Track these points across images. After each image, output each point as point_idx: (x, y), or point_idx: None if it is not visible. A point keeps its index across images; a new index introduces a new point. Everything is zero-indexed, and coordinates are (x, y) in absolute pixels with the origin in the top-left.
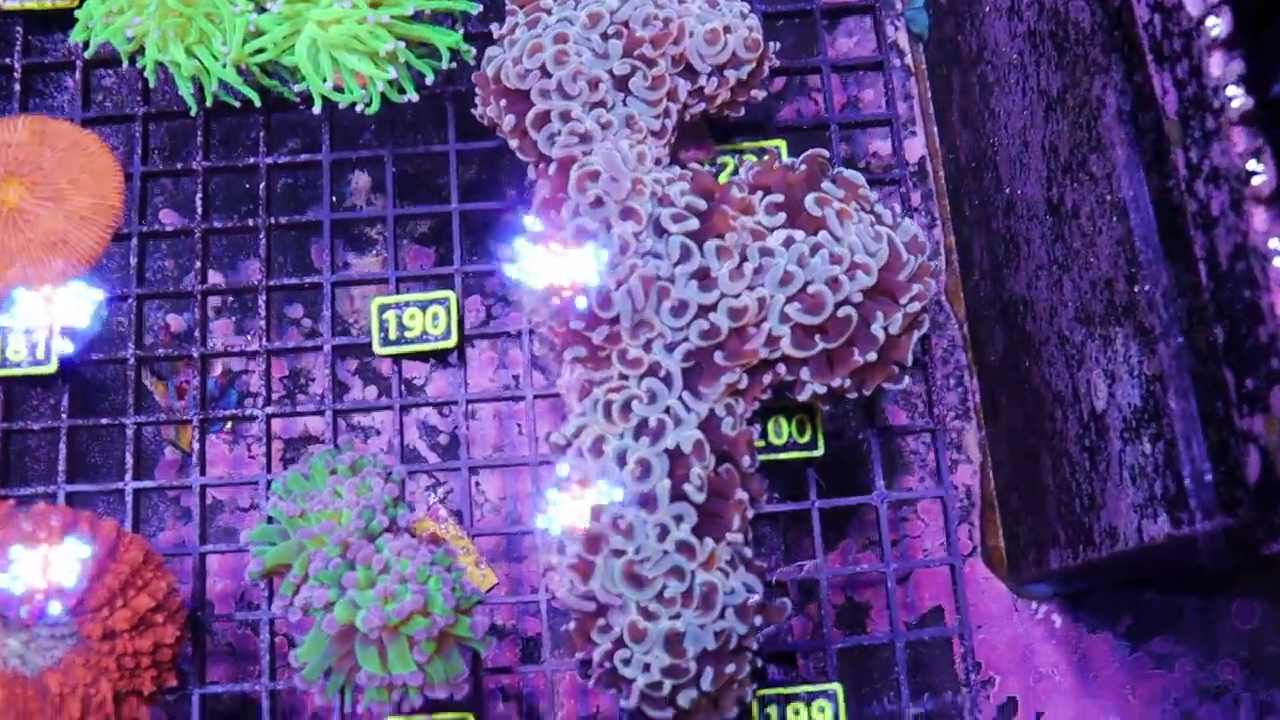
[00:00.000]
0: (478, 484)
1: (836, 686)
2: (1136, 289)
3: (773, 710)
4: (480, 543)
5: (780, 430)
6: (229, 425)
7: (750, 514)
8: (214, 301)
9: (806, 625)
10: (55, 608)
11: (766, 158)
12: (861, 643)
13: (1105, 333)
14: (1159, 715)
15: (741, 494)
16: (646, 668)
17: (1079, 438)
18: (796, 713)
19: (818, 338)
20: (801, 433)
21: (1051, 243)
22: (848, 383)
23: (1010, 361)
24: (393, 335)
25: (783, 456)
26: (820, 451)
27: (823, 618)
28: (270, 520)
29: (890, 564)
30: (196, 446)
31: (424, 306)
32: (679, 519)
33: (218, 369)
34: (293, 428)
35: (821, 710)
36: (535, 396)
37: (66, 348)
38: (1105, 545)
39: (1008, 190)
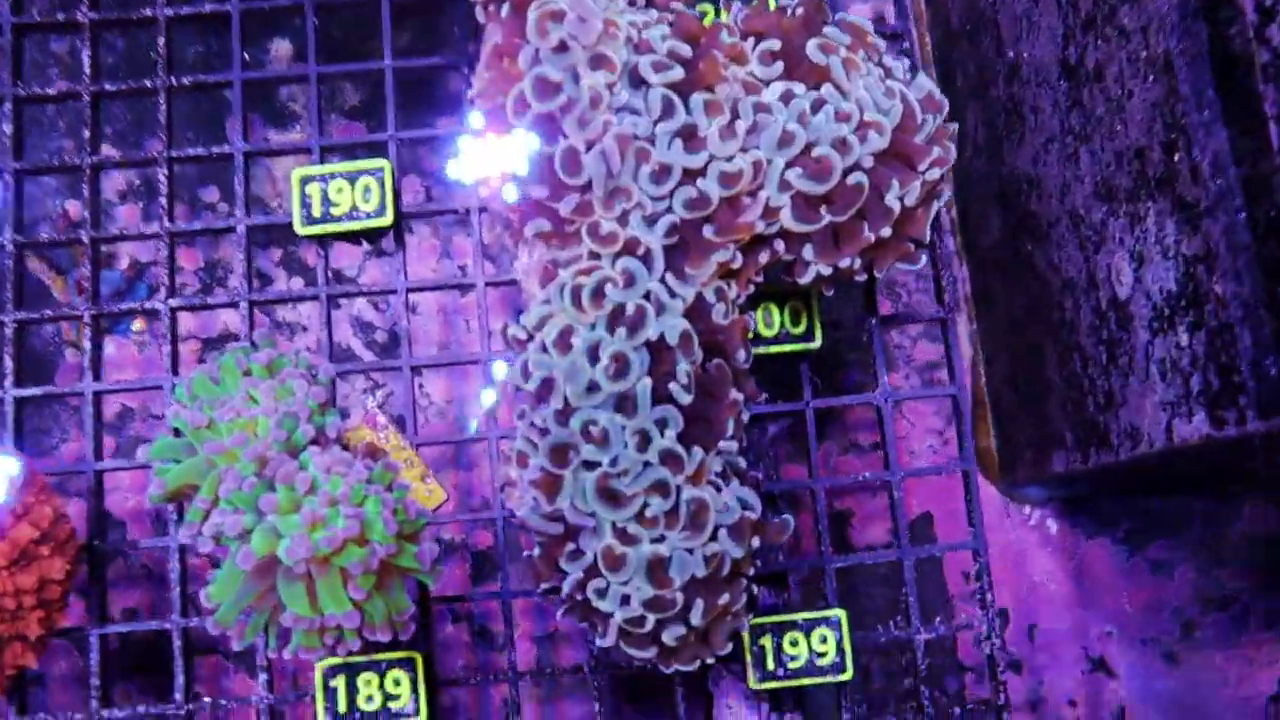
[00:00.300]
0: (421, 385)
1: (840, 613)
2: (1177, 157)
3: (767, 641)
4: (426, 454)
5: (771, 319)
6: (138, 325)
7: (745, 417)
8: (118, 185)
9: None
10: None
11: (755, 1)
12: (864, 561)
13: (1133, 210)
14: (1158, 625)
15: (735, 394)
16: (625, 600)
17: (1094, 329)
18: (794, 643)
19: (823, 209)
20: (796, 322)
21: (1066, 111)
22: (856, 263)
23: (1009, 246)
24: (317, 212)
25: (774, 349)
26: (818, 343)
27: (819, 534)
28: (176, 433)
29: (898, 471)
30: (88, 346)
31: (353, 178)
32: (662, 424)
33: (124, 260)
34: (211, 325)
35: (823, 640)
36: (487, 285)
37: None
38: (1125, 448)
39: (1011, 54)
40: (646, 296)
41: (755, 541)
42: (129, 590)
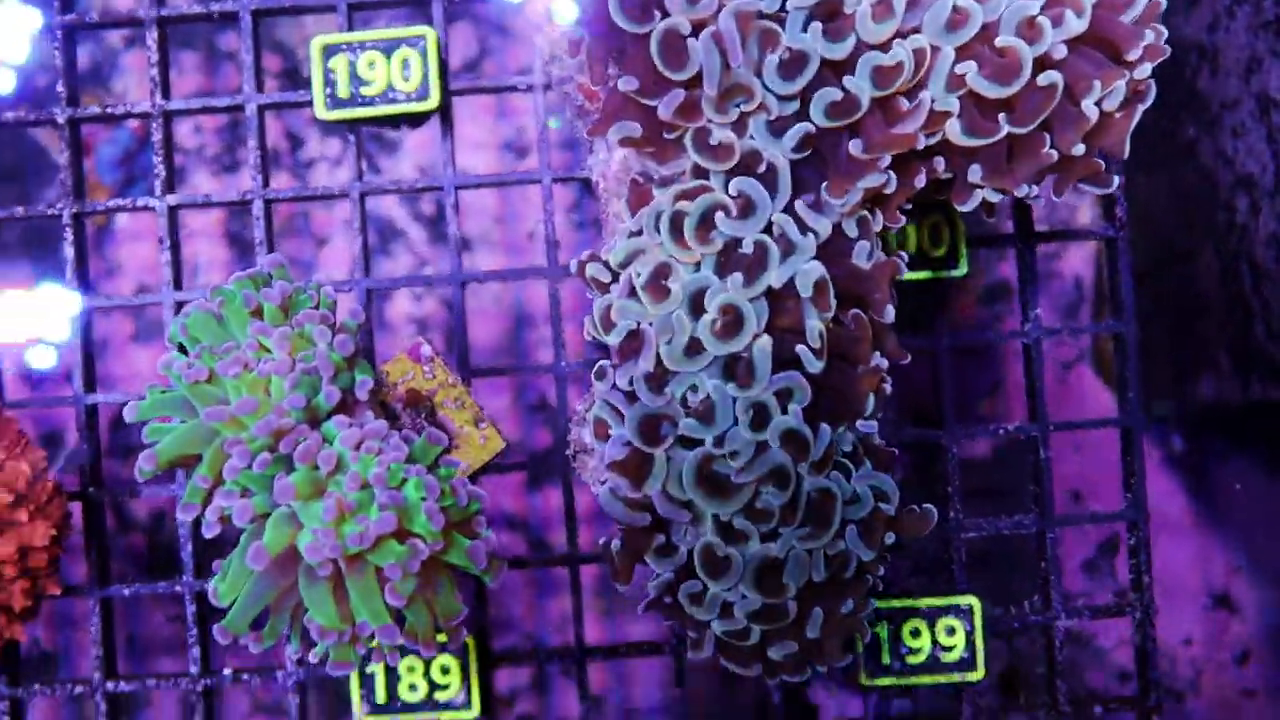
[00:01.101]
0: (472, 290)
1: (972, 601)
2: None
3: (882, 630)
4: (480, 384)
5: (904, 238)
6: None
7: (888, 388)
8: (122, 30)
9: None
10: None
11: None
12: (1001, 530)
13: None
14: None
15: (878, 359)
16: (727, 609)
17: (1275, 239)
18: (915, 634)
19: (1001, 118)
20: (935, 242)
21: None
22: (1034, 189)
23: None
24: (344, 91)
25: (909, 276)
26: (963, 270)
27: (949, 498)
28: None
29: (1046, 423)
30: (71, 254)
31: (389, 49)
32: (784, 396)
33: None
34: (237, 185)
35: (950, 632)
36: (554, 180)
37: None
38: None
39: None
40: (769, 230)
41: (890, 537)
42: (139, 541)
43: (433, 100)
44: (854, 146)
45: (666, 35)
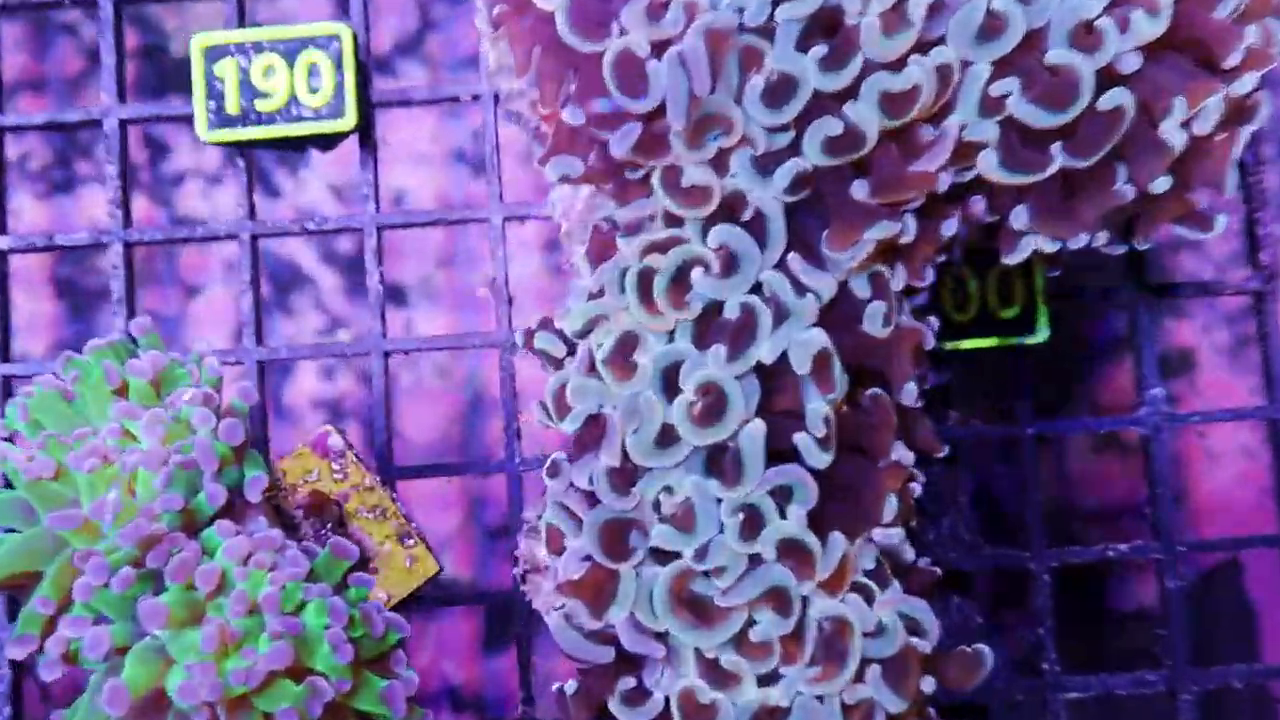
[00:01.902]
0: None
1: None
2: None
3: None
4: (412, 491)
5: (964, 295)
6: None
7: (917, 488)
8: None
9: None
10: None
11: None
12: (1115, 691)
13: None
14: None
15: (902, 452)
16: None
17: None
18: None
19: (1054, 147)
20: (1005, 299)
21: None
22: (1103, 236)
23: None
24: (233, 107)
25: (969, 344)
26: (1041, 337)
27: (1039, 643)
28: (5, 483)
29: (1171, 541)
30: None
31: (291, 52)
32: (782, 496)
33: None
34: (72, 222)
35: None
36: (506, 220)
37: None
38: None
39: None
40: (757, 290)
41: (928, 684)
42: None
43: (348, 119)
44: (859, 189)
45: (621, 57)
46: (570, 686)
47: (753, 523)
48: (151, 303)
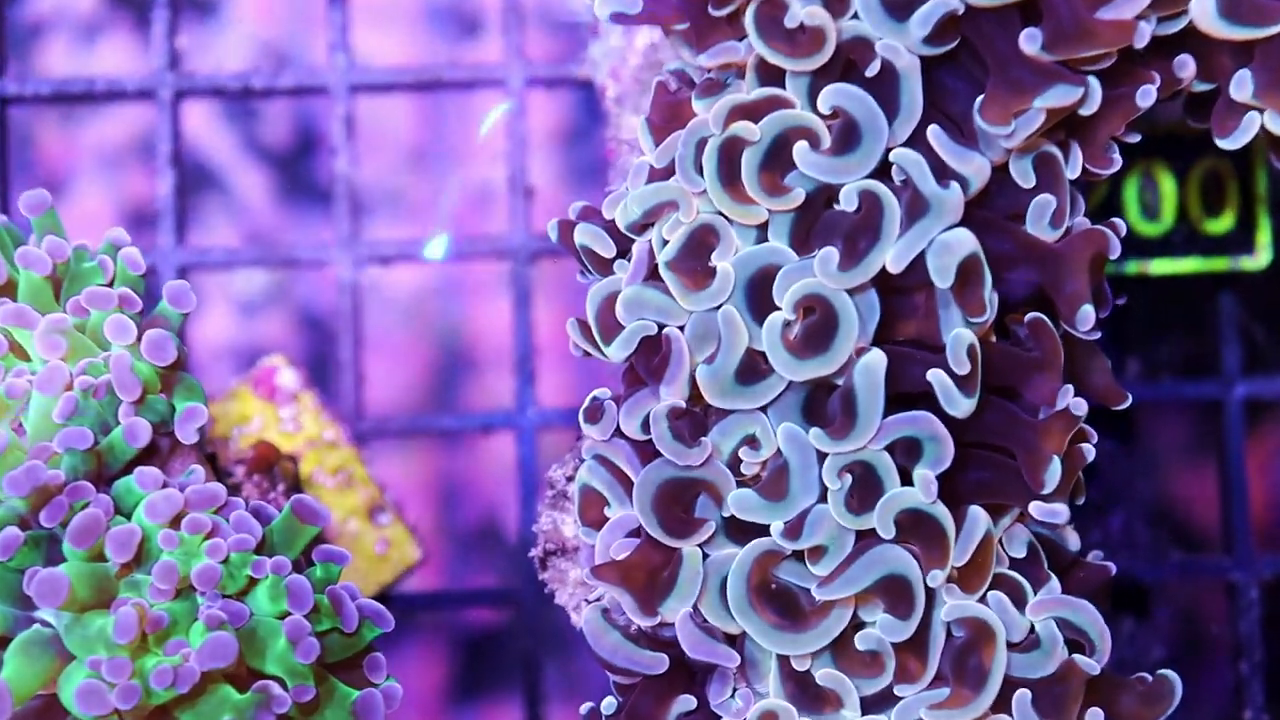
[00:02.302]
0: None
1: None
2: None
3: None
4: (382, 454)
5: (1155, 202)
6: None
7: (1090, 451)
8: None
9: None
10: None
11: None
12: None
13: None
14: None
15: (1072, 400)
16: None
17: None
18: None
19: None
20: (1212, 208)
21: None
22: None
23: None
24: None
25: (1161, 266)
26: (1262, 260)
27: (1241, 681)
28: None
29: None
30: None
31: None
32: (909, 454)
33: None
34: None
35: None
36: (530, 82)
37: None
38: None
39: None
40: (884, 174)
41: (1096, 716)
42: None
43: None
44: (1028, 41)
45: None
46: (608, 706)
47: (866, 488)
48: None
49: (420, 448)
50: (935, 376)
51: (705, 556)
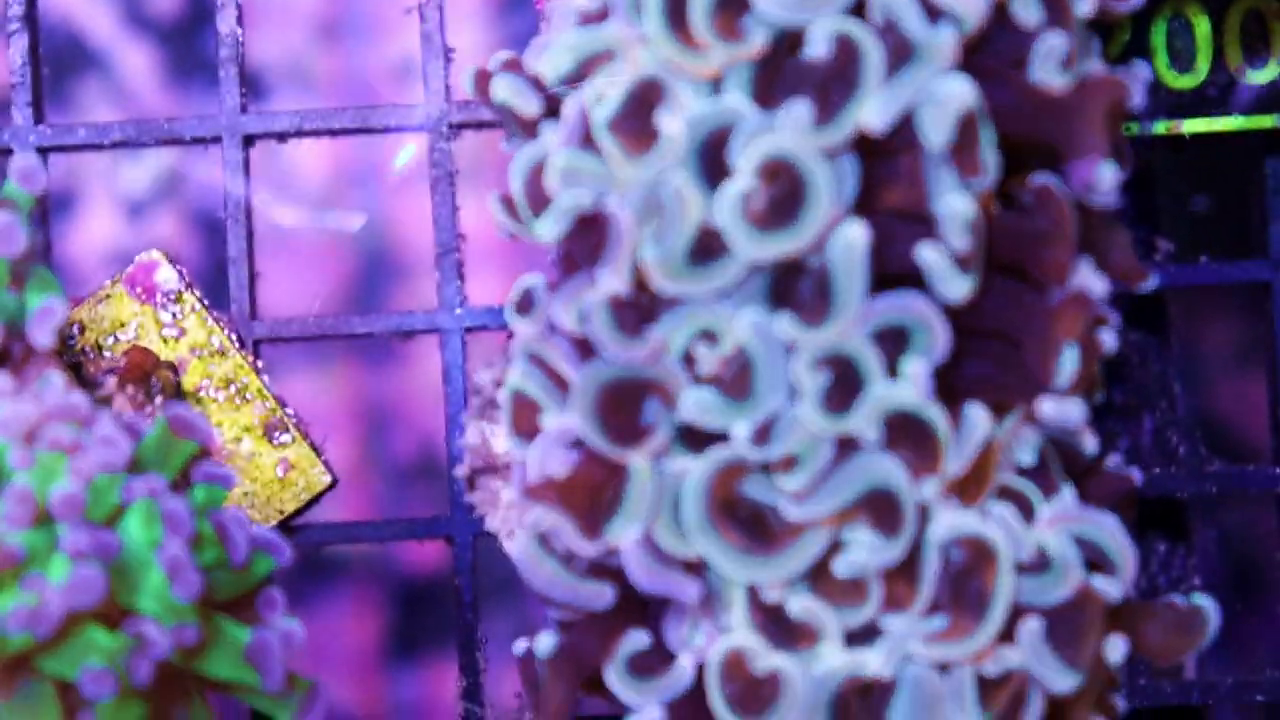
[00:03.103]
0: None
1: None
2: None
3: None
4: (279, 361)
5: (1185, 50)
6: None
7: (1109, 341)
8: None
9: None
10: None
11: None
12: None
13: None
14: None
15: (1089, 278)
16: None
17: None
18: None
19: None
20: (1254, 54)
21: None
22: None
23: None
24: None
25: (1195, 125)
26: None
27: None
28: None
29: None
30: None
31: None
32: (895, 344)
33: None
34: None
35: None
36: None
37: None
38: None
39: None
40: (859, 11)
41: (1117, 649)
42: None
43: None
44: None
45: None
46: (545, 645)
47: (845, 386)
48: None
49: (338, 367)
50: (927, 253)
51: (658, 470)
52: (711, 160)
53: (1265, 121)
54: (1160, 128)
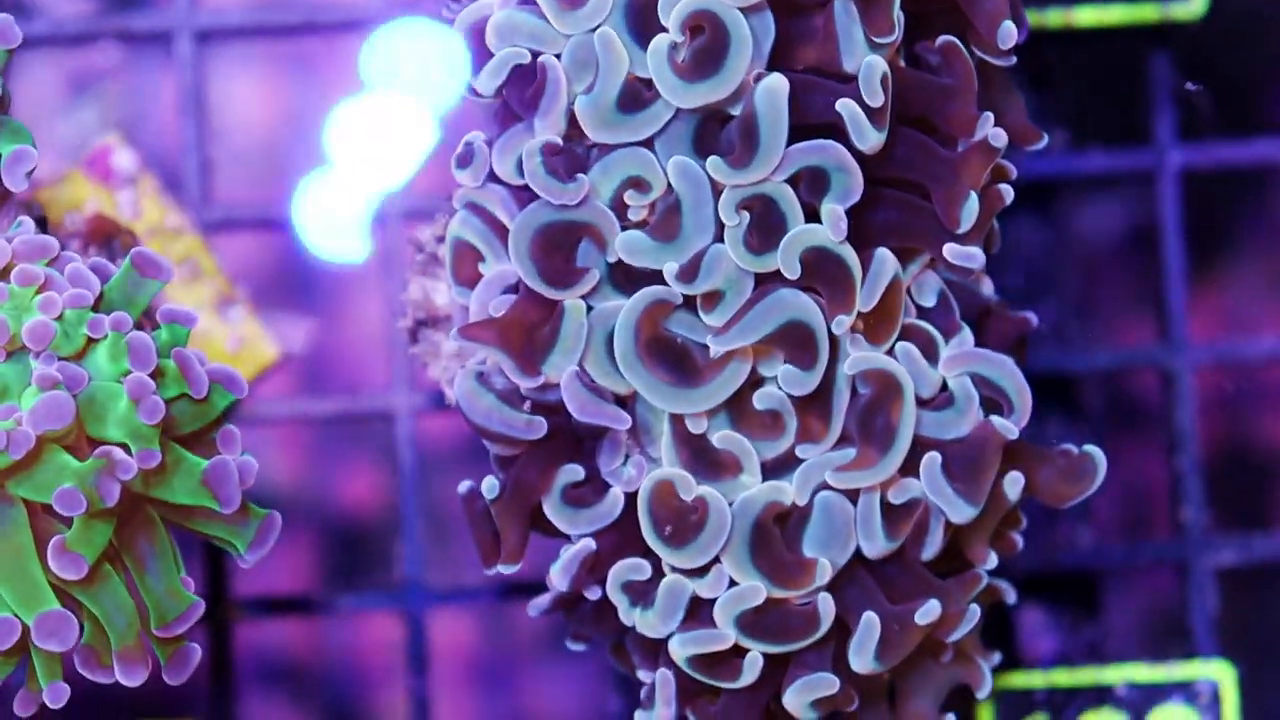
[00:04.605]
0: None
1: (1222, 670)
2: None
3: None
4: (234, 248)
5: None
6: None
7: (1008, 190)
8: None
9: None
10: None
11: None
12: None
13: None
14: None
15: (991, 129)
16: (699, 609)
17: None
18: None
19: None
20: None
21: None
22: None
23: None
24: None
25: (1083, 17)
26: (1196, 7)
27: (1175, 487)
28: None
29: None
30: None
31: None
32: (814, 187)
33: None
34: None
35: None
36: None
37: None
38: None
39: None
40: None
41: (1014, 484)
42: None
43: None
44: None
45: None
46: (490, 484)
47: (766, 226)
48: None
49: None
50: (845, 106)
51: (590, 309)
52: (640, 16)
53: (1150, 13)
54: (1050, 19)
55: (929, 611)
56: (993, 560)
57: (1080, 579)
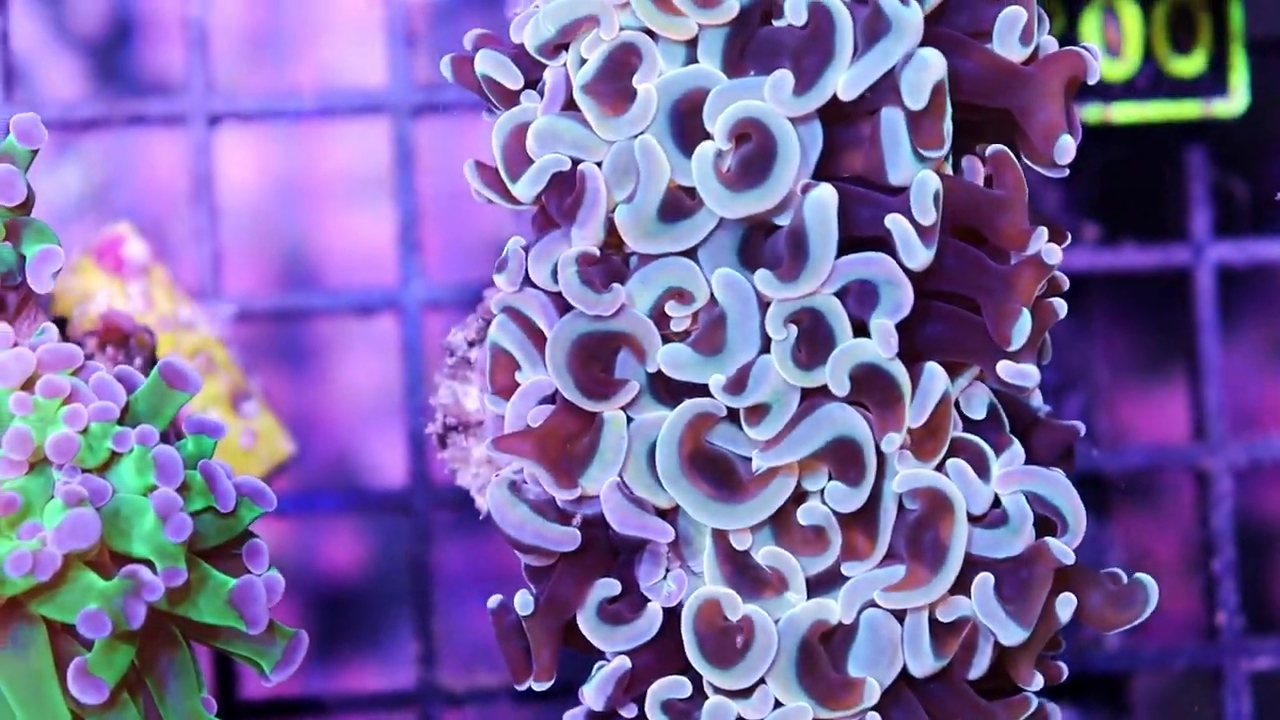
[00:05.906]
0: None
1: None
2: None
3: None
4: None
5: (1119, 34)
6: None
7: (1061, 304)
8: None
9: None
10: None
11: None
12: None
13: None
14: None
15: (1044, 244)
16: None
17: None
18: None
19: None
20: (1180, 43)
21: None
22: None
23: None
24: None
25: (1123, 113)
26: (1237, 103)
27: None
28: None
29: None
30: None
31: None
32: (862, 301)
33: None
34: None
35: None
36: None
37: None
38: None
39: None
40: None
41: (1066, 606)
42: None
43: None
44: None
45: None
46: (524, 601)
47: (815, 340)
48: None
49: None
50: (895, 223)
51: (630, 421)
52: (683, 123)
53: (1187, 107)
54: (1091, 112)
55: None
56: (1038, 681)
57: (1111, 681)
